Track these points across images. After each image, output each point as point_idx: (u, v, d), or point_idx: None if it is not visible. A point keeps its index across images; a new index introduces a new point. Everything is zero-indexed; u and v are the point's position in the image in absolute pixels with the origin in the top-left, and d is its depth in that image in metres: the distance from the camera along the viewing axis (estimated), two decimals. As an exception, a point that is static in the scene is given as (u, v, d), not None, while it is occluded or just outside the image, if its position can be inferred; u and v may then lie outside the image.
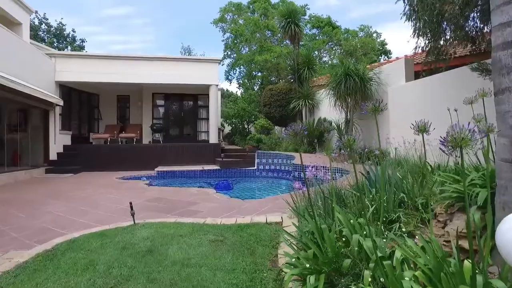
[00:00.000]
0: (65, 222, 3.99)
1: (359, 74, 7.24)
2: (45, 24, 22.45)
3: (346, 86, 7.24)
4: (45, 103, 9.70)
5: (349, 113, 8.06)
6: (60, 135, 10.76)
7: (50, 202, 5.13)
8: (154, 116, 13.52)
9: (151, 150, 11.21)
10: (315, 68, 11.27)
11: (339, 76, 7.38)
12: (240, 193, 6.57)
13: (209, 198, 5.08)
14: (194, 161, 11.06)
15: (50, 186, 6.95)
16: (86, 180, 8.08)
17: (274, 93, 12.51)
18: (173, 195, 5.48)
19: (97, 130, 13.52)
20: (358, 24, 36.86)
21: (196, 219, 3.88)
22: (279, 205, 4.36)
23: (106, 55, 11.19)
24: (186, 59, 11.58)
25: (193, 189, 5.90)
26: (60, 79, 10.65)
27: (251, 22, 17.62)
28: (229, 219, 3.86)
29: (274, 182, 8.72)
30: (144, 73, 11.21)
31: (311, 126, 10.11)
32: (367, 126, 7.93)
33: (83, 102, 13.01)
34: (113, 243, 3.10)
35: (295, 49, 11.66)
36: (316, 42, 18.67)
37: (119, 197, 5.46)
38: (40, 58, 10.00)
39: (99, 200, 5.26)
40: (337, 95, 7.68)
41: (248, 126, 17.41)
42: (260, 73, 18.48)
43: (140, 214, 4.12)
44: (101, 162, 10.57)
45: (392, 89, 7.01)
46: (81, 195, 5.74)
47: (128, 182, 7.55)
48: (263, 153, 10.02)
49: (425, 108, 5.94)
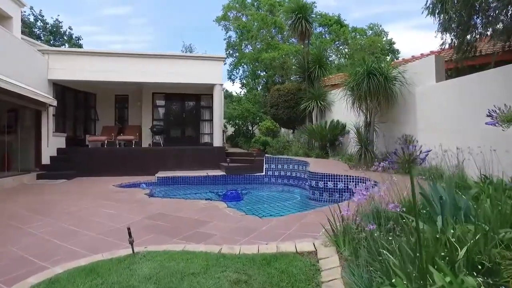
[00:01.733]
0: (49, 248, 3.27)
1: (383, 72, 6.55)
2: (40, 21, 21.66)
3: (368, 86, 6.54)
4: (37, 103, 8.98)
5: (369, 115, 7.37)
6: (53, 137, 10.03)
7: (35, 219, 4.41)
8: (154, 117, 12.80)
9: (151, 153, 10.49)
10: (327, 67, 10.57)
11: (361, 74, 6.68)
12: (253, 206, 5.87)
13: (220, 215, 4.36)
14: (197, 166, 10.35)
15: (39, 196, 6.22)
16: (80, 188, 7.36)
17: (281, 94, 11.82)
18: (178, 210, 4.76)
19: (93, 132, 12.79)
20: (359, 24, 36.26)
21: (209, 246, 3.16)
22: (307, 226, 3.66)
23: (103, 52, 10.47)
24: (189, 56, 10.88)
25: (201, 202, 5.18)
26: (54, 77, 9.92)
27: (258, 18, 16.89)
28: (250, 246, 3.15)
29: (287, 191, 8.02)
30: (144, 72, 10.50)
31: (323, 129, 9.41)
32: (389, 130, 7.24)
33: (79, 102, 12.27)
34: (106, 285, 2.38)
35: (305, 47, 10.96)
36: (323, 41, 18.00)
37: (116, 212, 4.74)
38: (32, 55, 9.27)
39: (93, 216, 4.54)
40: (357, 96, 6.98)
41: (252, 127, 16.69)
42: (265, 73, 17.79)
43: (140, 237, 3.40)
44: (97, 167, 9.84)
45: (421, 90, 6.31)
46: (73, 209, 5.02)
47: (126, 191, 6.83)
48: (272, 158, 9.31)
49: (461, 112, 5.25)
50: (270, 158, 9.30)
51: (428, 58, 6.34)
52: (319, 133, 9.33)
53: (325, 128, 9.50)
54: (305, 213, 4.19)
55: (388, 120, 7.31)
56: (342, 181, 6.14)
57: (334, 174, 6.22)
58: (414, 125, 6.55)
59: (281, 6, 17.35)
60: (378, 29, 21.76)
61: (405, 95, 6.80)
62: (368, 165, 6.79)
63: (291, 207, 5.83)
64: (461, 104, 5.29)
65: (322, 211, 4.32)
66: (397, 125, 7.11)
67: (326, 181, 6.26)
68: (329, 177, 6.25)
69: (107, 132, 11.66)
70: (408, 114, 6.80)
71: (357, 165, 7.07)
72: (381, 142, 7.30)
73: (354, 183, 6.03)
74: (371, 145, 7.12)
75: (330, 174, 6.24)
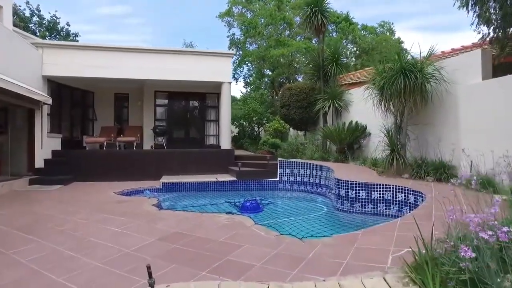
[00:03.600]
0: (40, 287, 2.50)
1: (421, 69, 5.86)
2: (37, 16, 20.74)
3: (403, 84, 5.84)
4: (30, 101, 8.16)
5: (399, 116, 6.67)
6: (48, 138, 9.21)
7: (23, 240, 3.63)
8: (156, 117, 12.01)
9: (153, 156, 9.71)
10: (344, 64, 9.86)
11: (395, 71, 5.98)
12: (277, 220, 5.14)
13: (250, 236, 3.61)
14: (204, 170, 9.59)
15: (30, 208, 5.42)
16: (77, 196, 6.57)
17: (293, 93, 11.12)
18: (197, 227, 4.00)
19: (91, 133, 11.96)
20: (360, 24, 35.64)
21: (252, 284, 2.41)
22: (366, 252, 2.93)
23: (102, 46, 9.66)
24: (196, 52, 10.12)
25: (221, 217, 4.42)
26: (49, 73, 9.11)
27: (265, 13, 16.11)
28: (304, 284, 2.41)
29: (308, 199, 7.30)
30: (146, 68, 9.73)
31: (342, 131, 8.70)
32: (423, 133, 6.55)
33: (76, 100, 11.44)
34: None
35: (320, 42, 10.26)
36: (332, 39, 17.32)
37: (121, 230, 3.97)
38: (25, 48, 8.45)
39: (94, 235, 3.77)
40: (387, 95, 6.27)
41: (258, 129, 15.94)
42: (270, 72, 17.05)
43: (158, 269, 2.64)
44: (95, 171, 9.05)
45: (466, 88, 5.61)
46: (69, 225, 4.24)
47: (130, 200, 6.05)
48: (286, 162, 8.58)
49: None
50: (285, 162, 8.58)
51: (472, 53, 5.65)
52: (337, 135, 8.62)
53: (344, 130, 8.80)
54: (355, 234, 3.45)
55: (419, 122, 6.62)
56: (377, 190, 5.44)
57: (367, 182, 5.52)
58: (453, 128, 5.86)
59: (289, 1, 16.65)
60: (390, 26, 21.16)
61: (442, 94, 6.12)
62: (401, 172, 6.10)
63: (323, 222, 5.11)
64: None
65: (375, 230, 3.61)
66: (431, 128, 6.42)
67: (358, 190, 5.56)
68: (362, 186, 5.55)
69: (106, 133, 10.85)
70: (446, 116, 6.12)
71: (387, 171, 6.37)
72: (413, 146, 6.61)
73: (392, 193, 5.32)
74: (403, 149, 6.42)
75: (363, 183, 5.53)
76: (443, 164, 5.77)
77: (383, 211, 5.33)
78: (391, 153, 6.35)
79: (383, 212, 5.32)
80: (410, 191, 5.04)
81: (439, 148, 5.97)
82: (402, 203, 5.14)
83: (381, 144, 6.77)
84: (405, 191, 5.13)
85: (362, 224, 4.98)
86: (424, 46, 5.99)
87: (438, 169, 5.74)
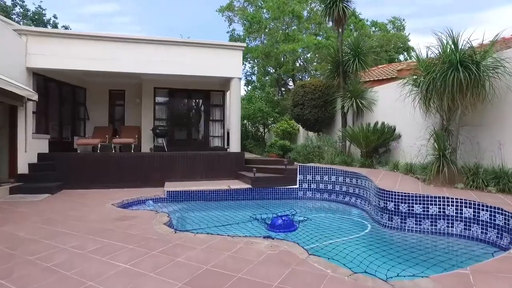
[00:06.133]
0: None
1: (479, 61, 4.99)
2: (20, 6, 19.26)
3: (459, 80, 4.96)
4: (11, 97, 7.00)
5: (445, 116, 5.81)
6: (33, 140, 8.04)
7: (-5, 285, 2.57)
8: (155, 116, 10.92)
9: (154, 160, 8.62)
10: (367, 60, 8.98)
11: (448, 65, 5.11)
12: (321, 242, 4.18)
13: (312, 275, 2.62)
14: (211, 176, 8.60)
15: (5, 228, 4.31)
16: (68, 210, 5.46)
17: (307, 91, 10.22)
18: (233, 261, 2.99)
19: (83, 134, 10.78)
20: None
21: None
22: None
23: (96, 35, 8.51)
24: (201, 44, 9.03)
25: (259, 243, 3.41)
26: (34, 65, 7.93)
27: (273, 6, 15.11)
28: None
29: (340, 211, 6.36)
30: (145, 61, 8.63)
31: (369, 133, 7.82)
32: (475, 136, 5.69)
33: (65, 97, 10.25)
34: None
35: (339, 35, 9.37)
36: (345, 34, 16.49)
37: (132, 266, 2.93)
38: (4, 35, 7.27)
39: (95, 277, 2.73)
40: (441, 92, 5.37)
41: (264, 130, 14.94)
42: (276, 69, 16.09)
43: None
44: (88, 177, 7.95)
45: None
46: (58, 259, 3.17)
47: (133, 216, 4.98)
48: (307, 167, 7.64)
49: None
50: (305, 167, 7.64)
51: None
52: (364, 137, 7.73)
53: (368, 131, 7.92)
54: (461, 274, 2.49)
55: (469, 123, 5.77)
56: (436, 204, 4.55)
57: (423, 194, 4.63)
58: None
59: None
60: (401, 22, 20.44)
61: (502, 90, 5.28)
62: (453, 180, 5.24)
63: (378, 246, 4.17)
64: None
65: (489, 271, 2.61)
66: (486, 129, 5.58)
67: (412, 204, 4.65)
68: (415, 198, 4.65)
69: (100, 134, 9.72)
70: (506, 116, 5.30)
71: (435, 180, 5.49)
72: (465, 151, 5.75)
73: (455, 207, 4.43)
74: (454, 154, 5.55)
75: (418, 195, 4.64)
76: (506, 172, 4.92)
77: (445, 230, 4.44)
78: (439, 158, 5.46)
79: (445, 230, 4.43)
80: (482, 206, 4.15)
81: (502, 153, 5.12)
82: (471, 221, 4.25)
83: (425, 148, 5.89)
84: (474, 206, 4.24)
85: (431, 248, 4.08)
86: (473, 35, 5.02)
87: (500, 178, 4.89)
